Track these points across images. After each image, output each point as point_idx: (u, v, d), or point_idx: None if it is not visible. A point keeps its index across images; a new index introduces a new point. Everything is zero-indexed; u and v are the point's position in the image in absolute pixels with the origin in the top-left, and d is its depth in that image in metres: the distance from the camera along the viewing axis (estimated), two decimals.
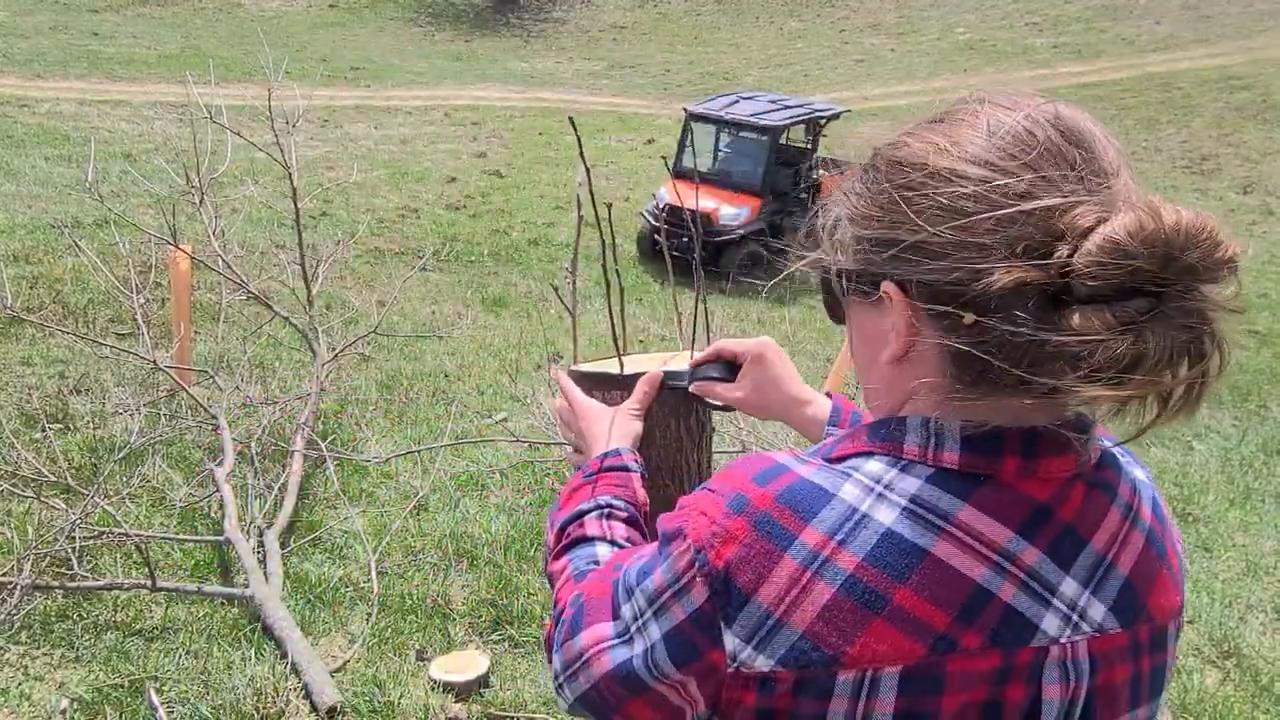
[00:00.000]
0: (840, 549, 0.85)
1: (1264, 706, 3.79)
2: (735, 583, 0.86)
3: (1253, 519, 5.74)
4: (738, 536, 0.87)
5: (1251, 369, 9.98)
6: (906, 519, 0.85)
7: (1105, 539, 0.91)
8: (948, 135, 0.88)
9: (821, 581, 0.84)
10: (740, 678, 0.87)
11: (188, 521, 4.42)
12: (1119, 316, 0.78)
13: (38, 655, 3.45)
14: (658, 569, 0.93)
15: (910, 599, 0.84)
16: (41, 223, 9.35)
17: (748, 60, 27.70)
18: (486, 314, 9.43)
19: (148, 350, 5.07)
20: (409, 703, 3.33)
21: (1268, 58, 23.77)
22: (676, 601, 0.90)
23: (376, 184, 14.18)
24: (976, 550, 0.85)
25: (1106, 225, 0.78)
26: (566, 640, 1.02)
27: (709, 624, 0.88)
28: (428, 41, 28.68)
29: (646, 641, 0.93)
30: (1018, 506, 0.87)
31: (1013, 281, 0.80)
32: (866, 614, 0.84)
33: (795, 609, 0.84)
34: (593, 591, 1.03)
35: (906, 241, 0.87)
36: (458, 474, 5.14)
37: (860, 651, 0.83)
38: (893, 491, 0.87)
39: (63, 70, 18.75)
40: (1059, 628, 0.87)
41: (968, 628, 0.84)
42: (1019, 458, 0.87)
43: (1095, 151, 0.85)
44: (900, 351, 0.91)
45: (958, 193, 0.84)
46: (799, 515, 0.86)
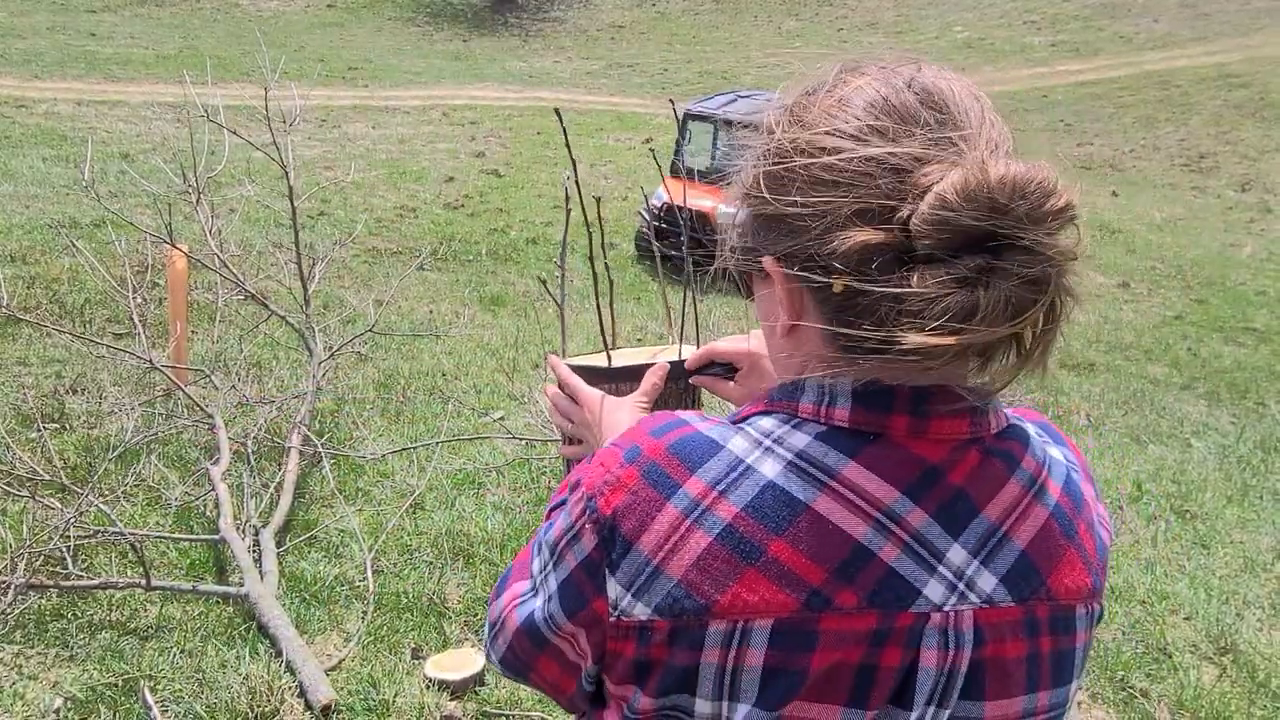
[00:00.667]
0: (721, 498, 0.85)
1: (1261, 703, 3.79)
2: (620, 529, 0.87)
3: (1250, 516, 5.73)
4: (627, 484, 0.88)
5: (1249, 366, 9.97)
6: (790, 472, 0.86)
7: (1000, 509, 0.89)
8: (805, 107, 0.90)
9: (700, 530, 0.84)
10: (621, 627, 0.87)
11: (183, 520, 4.41)
12: (952, 273, 0.79)
13: (31, 654, 3.44)
14: (559, 518, 0.94)
15: (786, 551, 0.84)
16: (39, 223, 9.35)
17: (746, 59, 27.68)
18: (484, 313, 9.42)
19: (144, 350, 5.06)
20: (404, 701, 3.32)
21: (1265, 56, 23.75)
22: (570, 549, 0.91)
23: (374, 183, 14.16)
24: (859, 507, 0.85)
25: (938, 184, 0.79)
26: (491, 602, 1.03)
27: (595, 571, 0.89)
28: (426, 41, 28.67)
29: (547, 593, 0.94)
30: (906, 466, 0.87)
31: (857, 244, 0.82)
32: (740, 563, 0.84)
33: (673, 556, 0.85)
34: (521, 555, 1.04)
35: (775, 215, 0.89)
36: (454, 472, 5.14)
37: (731, 601, 0.83)
38: (780, 446, 0.87)
39: (60, 71, 18.73)
40: (943, 595, 0.86)
41: (845, 585, 0.84)
42: (909, 415, 0.87)
43: (951, 112, 0.85)
44: (787, 325, 0.92)
45: (813, 164, 0.85)
46: (685, 465, 0.87)
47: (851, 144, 0.84)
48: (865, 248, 0.82)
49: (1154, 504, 5.70)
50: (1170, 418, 8.05)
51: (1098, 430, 7.40)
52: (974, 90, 0.88)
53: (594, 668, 0.93)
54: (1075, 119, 21.69)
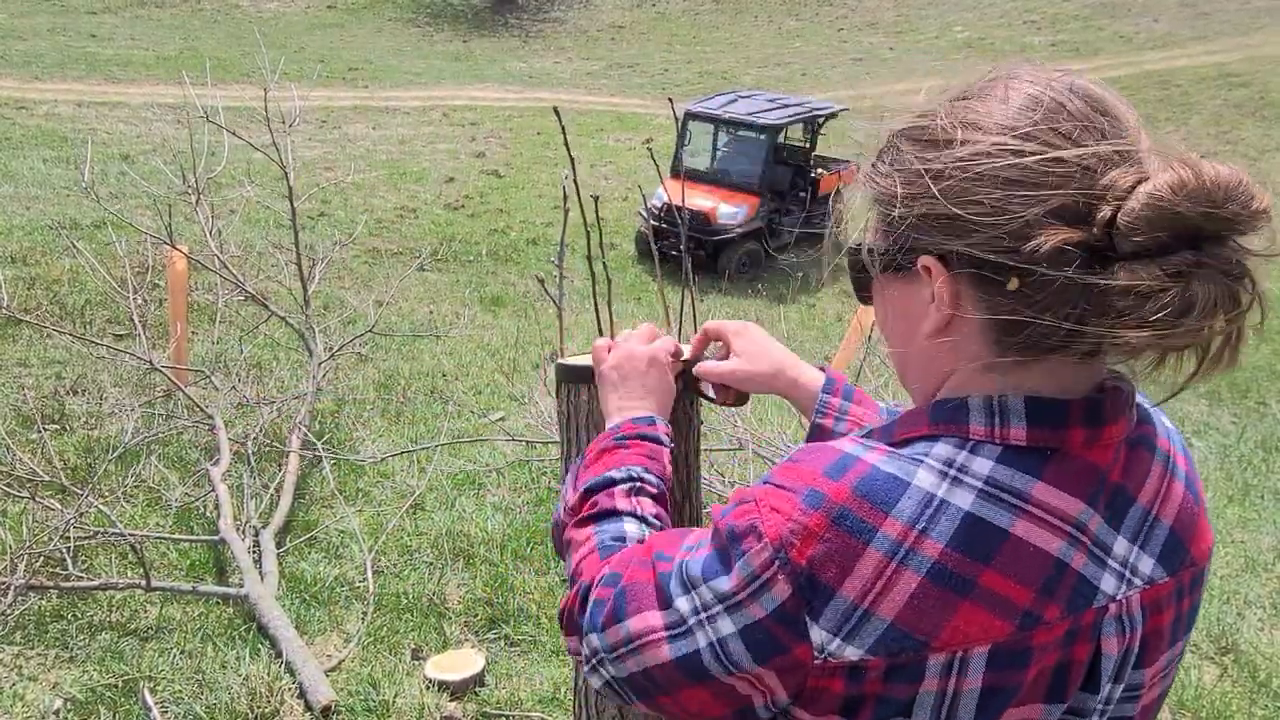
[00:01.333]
0: (923, 537, 0.85)
1: (1262, 703, 3.78)
2: (820, 579, 0.86)
3: (1251, 515, 5.73)
4: (817, 533, 0.87)
5: (1250, 365, 9.96)
6: (984, 501, 0.87)
7: (1150, 494, 0.95)
8: (976, 109, 0.90)
9: (907, 570, 0.85)
10: (828, 668, 0.87)
11: (183, 521, 4.41)
12: (1165, 269, 0.81)
13: (32, 655, 3.44)
14: (734, 568, 0.91)
15: (995, 579, 0.85)
16: (39, 224, 9.35)
17: (746, 59, 27.67)
18: (484, 313, 9.42)
19: (144, 351, 5.06)
20: (404, 702, 3.32)
21: (1265, 55, 23.74)
22: (755, 600, 0.89)
23: (375, 184, 14.17)
24: (1053, 524, 0.88)
25: (1149, 183, 0.82)
26: (611, 624, 1.01)
27: (793, 620, 0.88)
28: (426, 42, 28.66)
29: (713, 635, 0.92)
30: (1085, 476, 0.90)
31: (1059, 243, 0.83)
32: (954, 598, 0.85)
33: (883, 599, 0.85)
34: (634, 577, 1.02)
35: (944, 215, 0.89)
36: (454, 473, 5.13)
37: (951, 635, 0.85)
38: (967, 474, 0.88)
39: (61, 72, 18.74)
40: (1115, 586, 0.91)
41: (1050, 601, 0.87)
42: (1084, 428, 0.90)
43: (1119, 117, 0.89)
44: (942, 323, 0.92)
45: (995, 164, 0.86)
46: (877, 507, 0.87)
47: (1038, 145, 0.86)
48: (1065, 246, 0.83)
49: None
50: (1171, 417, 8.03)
51: None
52: (1125, 100, 0.91)
53: (786, 701, 0.92)
54: None
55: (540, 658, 3.69)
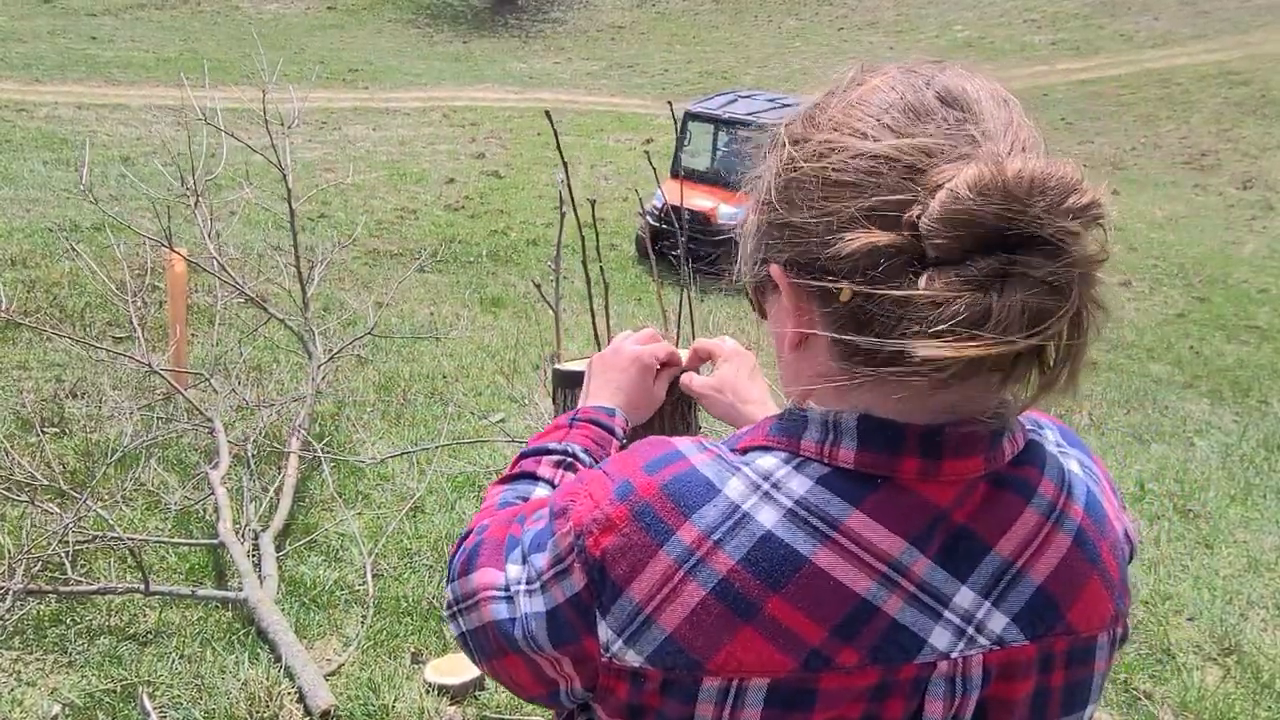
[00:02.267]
0: (716, 549, 0.80)
1: (1265, 704, 3.77)
2: (610, 574, 0.83)
3: (1254, 515, 5.71)
4: (617, 525, 0.83)
5: (1252, 364, 9.96)
6: (789, 522, 0.80)
7: (1015, 544, 0.84)
8: (821, 108, 0.85)
9: (693, 582, 0.80)
10: (613, 668, 0.84)
11: (183, 525, 4.40)
12: (962, 275, 0.72)
13: (30, 660, 3.43)
14: (546, 545, 0.89)
15: (783, 609, 0.79)
16: (39, 227, 9.35)
17: (746, 59, 27.67)
18: (485, 314, 9.41)
19: (143, 353, 5.05)
20: (404, 706, 3.31)
21: (1265, 53, 23.72)
22: (558, 583, 0.86)
23: (375, 185, 14.17)
24: (863, 561, 0.80)
25: (951, 180, 0.73)
26: (462, 575, 0.98)
27: (585, 611, 0.85)
28: (426, 43, 28.67)
29: (524, 609, 0.90)
30: (915, 513, 0.81)
31: (863, 246, 0.76)
32: (735, 620, 0.79)
33: (665, 608, 0.81)
34: (493, 532, 0.99)
35: (783, 220, 0.84)
36: (454, 475, 5.12)
37: (725, 660, 0.79)
38: (779, 491, 0.82)
39: (61, 74, 18.75)
40: (950, 642, 0.82)
41: (845, 644, 0.79)
42: (919, 458, 0.81)
43: (974, 112, 0.80)
44: (794, 337, 0.87)
45: (824, 165, 0.80)
46: (680, 509, 0.82)
47: (861, 142, 0.79)
48: (873, 251, 0.76)
49: (1157, 504, 5.69)
50: (1173, 416, 8.04)
51: (1100, 429, 7.38)
52: (1001, 92, 0.84)
53: (583, 692, 0.89)
54: (1076, 117, 21.65)
55: None
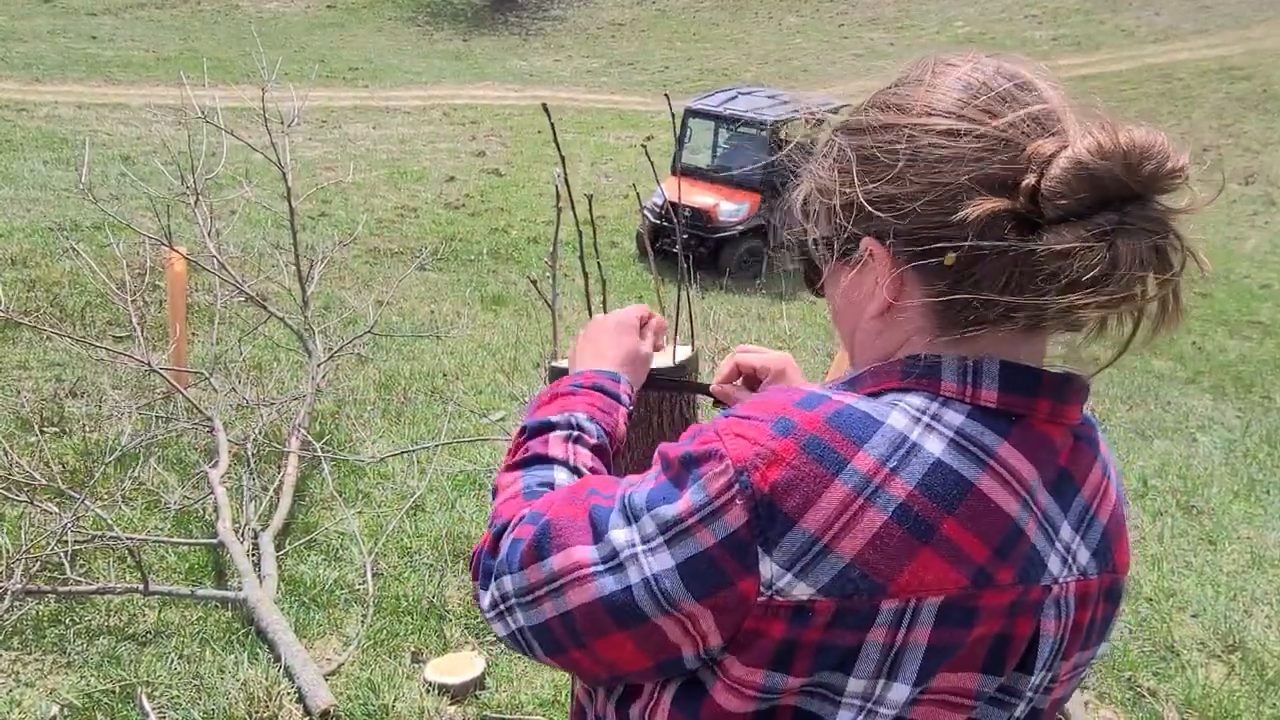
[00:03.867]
0: (893, 475, 0.84)
1: (1270, 700, 3.75)
2: (780, 507, 0.83)
3: (1257, 511, 5.69)
4: (785, 458, 0.84)
5: (1255, 360, 9.94)
6: (954, 450, 0.86)
7: (1091, 489, 0.95)
8: (903, 95, 0.93)
9: (873, 508, 0.83)
10: (772, 606, 0.84)
11: (182, 524, 4.39)
12: (1089, 229, 0.82)
13: (29, 661, 3.42)
14: (684, 492, 0.87)
15: (957, 530, 0.84)
16: (39, 226, 9.34)
17: (747, 56, 27.63)
18: (485, 313, 9.40)
19: (143, 353, 5.04)
20: (404, 706, 3.29)
21: (1267, 48, 23.67)
22: (705, 526, 0.85)
23: (375, 184, 14.15)
24: (1013, 487, 0.87)
25: (1070, 148, 0.84)
26: (531, 562, 0.94)
27: (744, 550, 0.84)
28: (426, 41, 28.64)
29: (649, 570, 0.87)
30: (1042, 449, 0.90)
31: (986, 213, 0.85)
32: (916, 542, 0.83)
33: (845, 535, 0.83)
34: (560, 512, 0.96)
35: (879, 197, 0.91)
36: (455, 474, 5.11)
37: (908, 580, 0.83)
38: (939, 423, 0.87)
39: (61, 74, 18.74)
40: (1059, 568, 0.91)
41: (1003, 562, 0.86)
42: (1051, 400, 0.91)
43: (1042, 95, 0.90)
44: (885, 305, 0.93)
45: (923, 143, 0.89)
46: (851, 439, 0.85)
47: (960, 123, 0.88)
48: (993, 216, 0.84)
49: (1160, 500, 5.67)
50: (1175, 412, 8.02)
51: (1102, 426, 7.35)
52: (1052, 80, 0.93)
53: (717, 648, 0.87)
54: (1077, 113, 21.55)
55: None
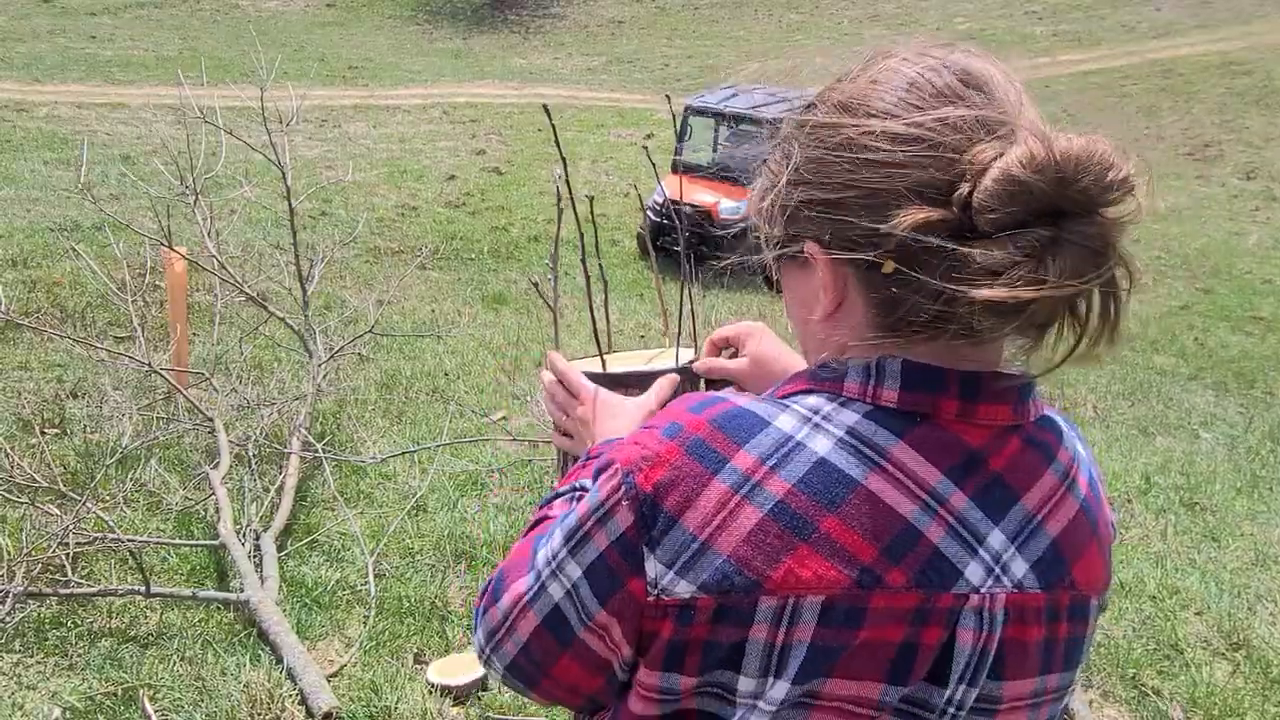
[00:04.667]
0: (771, 474, 0.84)
1: (1275, 699, 3.74)
2: (662, 506, 0.85)
3: (1260, 507, 5.68)
4: (668, 459, 0.86)
5: (1257, 356, 9.92)
6: (841, 449, 0.85)
7: (1037, 499, 0.91)
8: (848, 92, 0.90)
9: (750, 505, 0.83)
10: (659, 607, 0.86)
11: (184, 526, 4.38)
12: (1019, 245, 0.79)
13: (30, 664, 3.41)
14: (583, 503, 0.91)
15: (838, 528, 0.83)
16: (40, 227, 9.33)
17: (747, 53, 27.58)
18: (486, 311, 9.39)
19: (144, 353, 5.03)
20: (406, 707, 3.29)
21: (1268, 43, 23.62)
22: (600, 528, 0.88)
23: (375, 183, 14.13)
24: (907, 487, 0.85)
25: (1001, 159, 0.80)
26: (489, 608, 0.99)
27: (631, 550, 0.86)
28: (425, 40, 28.61)
29: (567, 581, 0.91)
30: (950, 449, 0.87)
31: (917, 222, 0.82)
32: (793, 539, 0.83)
33: (721, 532, 0.83)
34: (511, 557, 1.00)
35: (820, 199, 0.89)
36: (456, 474, 5.10)
37: (784, 576, 0.83)
38: (829, 423, 0.87)
39: (61, 74, 18.72)
40: (981, 578, 0.87)
41: (894, 564, 0.84)
42: (958, 400, 0.88)
43: (994, 94, 0.86)
44: (830, 308, 0.92)
45: (863, 145, 0.86)
46: (732, 439, 0.86)
47: (899, 125, 0.84)
48: (924, 225, 0.82)
49: (1163, 497, 5.65)
50: (1178, 409, 8.00)
51: (1105, 422, 7.35)
52: (1007, 72, 0.89)
53: (632, 655, 0.90)
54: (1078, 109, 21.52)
55: None
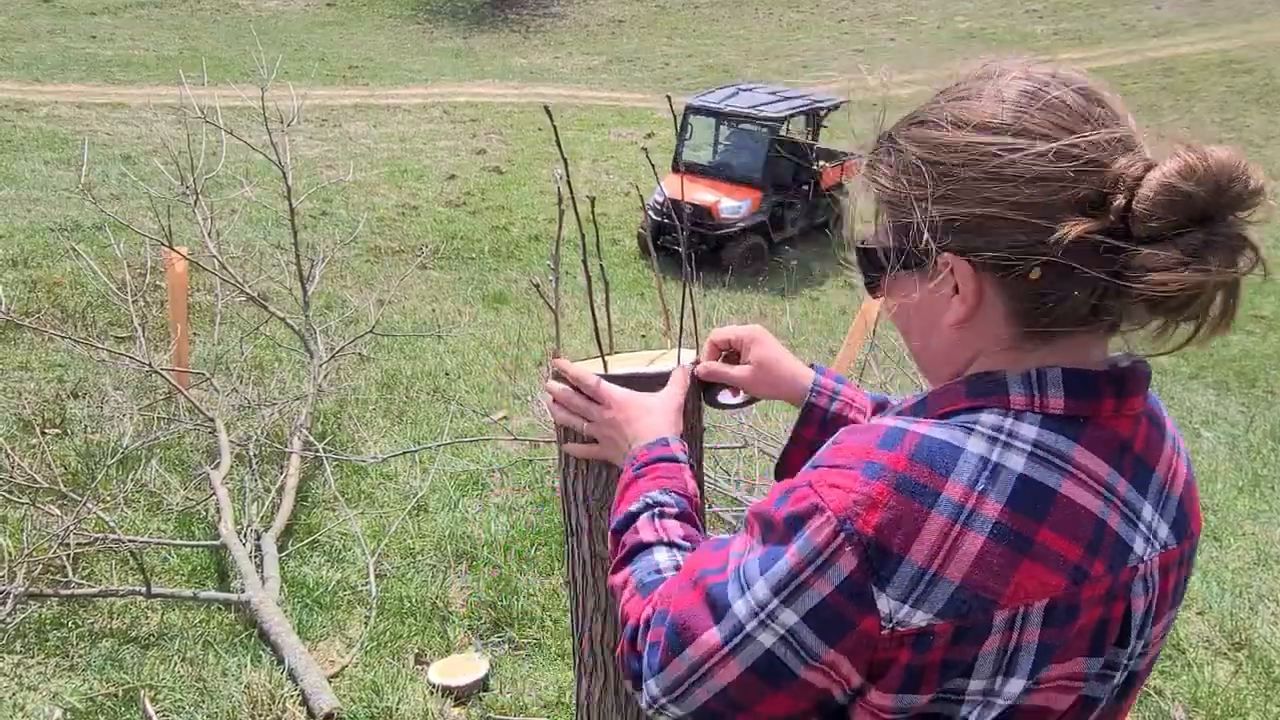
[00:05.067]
0: (983, 498, 0.90)
1: (1277, 699, 3.73)
2: (887, 545, 0.89)
3: (1262, 507, 5.67)
4: (881, 500, 0.89)
5: (1258, 354, 9.90)
6: (1034, 463, 0.92)
7: (1164, 467, 1.01)
8: (974, 108, 0.95)
9: (971, 531, 0.89)
10: (895, 638, 0.90)
11: (185, 526, 4.37)
12: (1182, 249, 0.87)
13: (31, 664, 3.41)
14: (790, 548, 0.93)
15: (1050, 536, 0.90)
16: (40, 227, 9.32)
17: (747, 52, 27.57)
18: (487, 311, 9.38)
19: (144, 353, 5.03)
20: (408, 708, 3.28)
21: (1268, 41, 23.61)
22: (820, 576, 0.91)
23: (376, 182, 14.12)
24: (1091, 486, 0.93)
25: (1158, 170, 0.87)
26: (669, 660, 1.01)
27: (859, 591, 0.90)
28: (426, 39, 28.59)
29: (781, 629, 0.93)
30: (1110, 443, 0.96)
31: (1079, 234, 0.88)
32: (1016, 555, 0.89)
33: (950, 561, 0.88)
34: (679, 605, 1.02)
35: (967, 215, 0.93)
36: (457, 474, 5.09)
37: (1014, 591, 0.89)
38: (1015, 439, 0.93)
39: (61, 74, 18.70)
40: (1143, 548, 0.97)
41: (1094, 557, 0.92)
42: (1113, 398, 0.96)
43: (1114, 108, 0.95)
44: (967, 315, 0.97)
45: (1004, 162, 0.91)
46: (936, 471, 0.90)
47: (1054, 144, 0.90)
48: (1085, 234, 0.88)
49: None
50: (1179, 407, 7.99)
51: None
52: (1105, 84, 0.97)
53: (861, 682, 0.94)
54: None
55: (544, 661, 3.65)
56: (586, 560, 1.44)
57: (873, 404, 1.38)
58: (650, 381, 1.34)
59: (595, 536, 1.42)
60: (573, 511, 1.43)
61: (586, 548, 1.43)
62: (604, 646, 1.47)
